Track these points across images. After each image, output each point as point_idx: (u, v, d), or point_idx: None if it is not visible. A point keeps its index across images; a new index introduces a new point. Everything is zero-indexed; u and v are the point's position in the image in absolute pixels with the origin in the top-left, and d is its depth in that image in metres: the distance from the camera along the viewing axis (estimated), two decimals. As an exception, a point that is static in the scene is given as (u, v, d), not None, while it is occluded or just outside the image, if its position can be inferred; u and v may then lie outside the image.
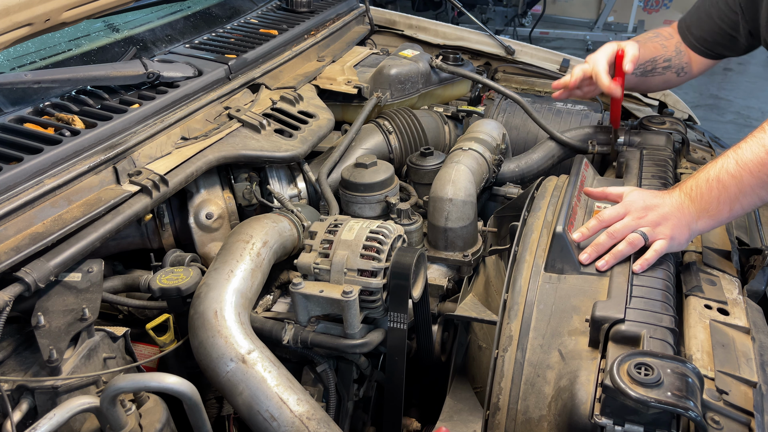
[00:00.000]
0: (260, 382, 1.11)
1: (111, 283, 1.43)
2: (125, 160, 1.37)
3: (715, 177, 1.25)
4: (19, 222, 1.16)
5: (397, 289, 1.28)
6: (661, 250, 1.24)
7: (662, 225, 1.26)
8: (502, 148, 1.87)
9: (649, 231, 1.25)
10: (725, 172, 1.24)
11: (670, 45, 1.81)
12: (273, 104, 1.76)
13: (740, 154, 1.24)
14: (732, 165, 1.24)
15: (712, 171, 1.26)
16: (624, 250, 1.25)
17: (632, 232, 1.26)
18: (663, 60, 1.80)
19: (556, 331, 1.16)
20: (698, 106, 5.72)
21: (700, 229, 1.28)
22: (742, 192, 1.23)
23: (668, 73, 1.81)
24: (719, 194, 1.24)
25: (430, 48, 2.53)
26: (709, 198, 1.25)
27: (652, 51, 1.80)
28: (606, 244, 1.27)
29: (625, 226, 1.27)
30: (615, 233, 1.27)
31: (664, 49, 1.81)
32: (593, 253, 1.27)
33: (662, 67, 1.80)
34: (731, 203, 1.24)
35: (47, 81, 1.43)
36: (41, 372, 1.07)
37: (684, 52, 1.80)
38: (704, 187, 1.26)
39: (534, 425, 1.09)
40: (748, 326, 1.16)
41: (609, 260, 1.25)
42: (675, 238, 1.26)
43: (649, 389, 0.92)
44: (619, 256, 1.25)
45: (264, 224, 1.39)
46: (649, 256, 1.24)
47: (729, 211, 1.25)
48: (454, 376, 1.53)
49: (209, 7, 2.21)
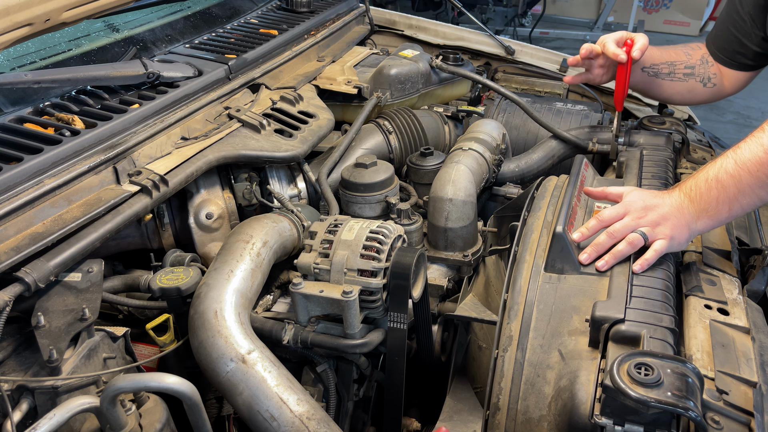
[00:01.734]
0: (260, 382, 1.11)
1: (111, 283, 1.43)
2: (125, 160, 1.37)
3: (714, 177, 1.25)
4: (19, 222, 1.16)
5: (397, 289, 1.28)
6: (660, 249, 1.24)
7: (662, 225, 1.26)
8: (502, 148, 1.87)
9: (648, 231, 1.25)
10: (724, 172, 1.24)
11: (695, 54, 1.80)
12: (273, 104, 1.76)
13: (739, 154, 1.24)
14: (731, 165, 1.24)
15: (711, 171, 1.26)
16: (624, 250, 1.25)
17: (632, 232, 1.26)
18: (685, 66, 1.79)
19: (556, 331, 1.16)
20: (698, 106, 5.72)
21: (700, 229, 1.29)
22: (741, 192, 1.23)
23: (691, 81, 1.80)
24: (718, 194, 1.24)
25: (430, 48, 2.53)
26: (708, 198, 1.25)
27: (672, 55, 1.80)
28: (606, 244, 1.27)
29: (624, 226, 1.27)
30: (615, 233, 1.27)
31: (688, 57, 1.80)
32: (593, 253, 1.28)
33: (683, 73, 1.79)
34: (730, 203, 1.25)
35: (47, 81, 1.44)
36: (41, 372, 1.07)
37: (712, 63, 1.79)
38: (703, 187, 1.26)
39: (534, 425, 1.09)
40: (748, 326, 1.16)
41: (609, 260, 1.25)
42: (675, 237, 1.26)
43: (649, 389, 0.91)
44: (619, 256, 1.25)
45: (264, 224, 1.39)
46: (649, 256, 1.24)
47: (728, 211, 1.25)
48: (454, 376, 1.53)
49: (209, 7, 2.21)
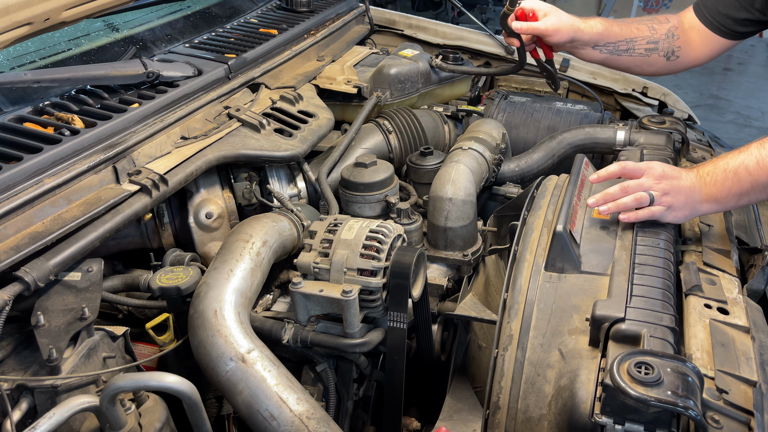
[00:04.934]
0: (260, 381, 1.11)
1: (111, 282, 1.43)
2: (125, 159, 1.37)
3: (733, 170, 1.29)
4: (18, 221, 1.16)
5: (397, 289, 1.28)
6: (655, 213, 1.31)
7: (670, 195, 1.31)
8: (502, 148, 1.87)
9: (657, 195, 1.31)
10: (744, 169, 1.28)
11: (660, 28, 1.81)
12: (273, 104, 1.76)
13: (764, 154, 1.27)
14: (752, 163, 1.27)
15: (731, 163, 1.30)
16: (628, 204, 1.32)
17: (642, 191, 1.31)
18: (647, 42, 1.80)
19: (556, 330, 1.16)
20: (698, 106, 5.72)
21: (703, 212, 1.35)
22: (754, 189, 1.28)
23: (654, 56, 1.81)
24: (732, 186, 1.29)
25: (430, 48, 2.53)
26: (722, 187, 1.30)
27: (634, 31, 1.80)
28: (616, 195, 1.34)
29: (638, 184, 1.33)
30: (627, 188, 1.33)
31: (652, 32, 1.80)
32: (601, 200, 1.35)
33: (645, 48, 1.80)
34: (740, 196, 1.30)
35: (47, 80, 1.43)
36: (41, 371, 1.07)
37: (679, 36, 1.79)
38: (720, 177, 1.30)
39: (534, 424, 1.09)
40: (747, 325, 1.16)
41: (611, 208, 1.33)
42: (675, 210, 1.32)
43: (650, 388, 0.91)
44: (622, 207, 1.32)
45: (264, 224, 1.38)
46: (641, 213, 1.31)
47: (736, 201, 1.31)
48: (453, 376, 1.53)
49: (209, 7, 2.21)
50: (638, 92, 2.34)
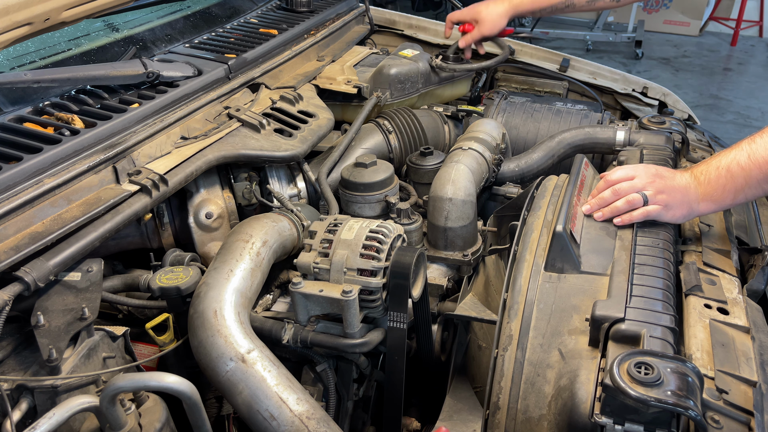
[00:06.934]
0: (260, 381, 1.11)
1: (111, 282, 1.43)
2: (125, 159, 1.37)
3: (725, 166, 1.29)
4: (18, 221, 1.16)
5: (397, 289, 1.28)
6: (651, 213, 1.31)
7: (665, 194, 1.32)
8: (502, 148, 1.87)
9: (650, 195, 1.32)
10: (736, 164, 1.28)
11: None
12: (273, 104, 1.76)
13: (754, 148, 1.27)
14: (744, 158, 1.28)
15: (723, 160, 1.31)
16: (621, 207, 1.33)
17: (635, 193, 1.32)
18: None
19: (556, 330, 1.16)
20: (698, 106, 5.72)
21: (701, 211, 1.34)
22: (748, 184, 1.28)
23: None
24: (726, 183, 1.29)
25: (430, 48, 2.53)
26: (716, 185, 1.30)
27: None
28: (609, 199, 1.35)
29: (631, 186, 1.34)
30: (620, 191, 1.35)
31: None
32: (595, 206, 1.36)
33: None
34: (736, 193, 1.30)
35: (47, 80, 1.43)
36: (41, 371, 1.07)
37: None
38: (713, 174, 1.31)
39: (534, 424, 1.09)
40: (747, 326, 1.16)
41: (605, 213, 1.35)
42: (671, 209, 1.32)
43: (649, 388, 0.91)
44: (615, 212, 1.34)
45: (264, 224, 1.38)
46: (636, 214, 1.32)
47: (732, 199, 1.31)
48: (453, 376, 1.52)
49: (209, 7, 2.21)
50: (638, 92, 2.34)
